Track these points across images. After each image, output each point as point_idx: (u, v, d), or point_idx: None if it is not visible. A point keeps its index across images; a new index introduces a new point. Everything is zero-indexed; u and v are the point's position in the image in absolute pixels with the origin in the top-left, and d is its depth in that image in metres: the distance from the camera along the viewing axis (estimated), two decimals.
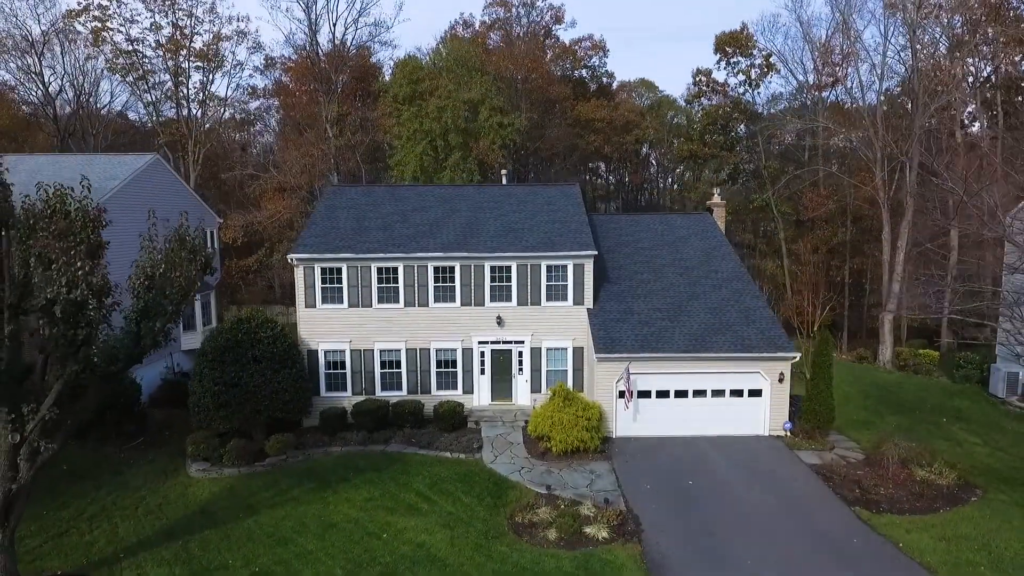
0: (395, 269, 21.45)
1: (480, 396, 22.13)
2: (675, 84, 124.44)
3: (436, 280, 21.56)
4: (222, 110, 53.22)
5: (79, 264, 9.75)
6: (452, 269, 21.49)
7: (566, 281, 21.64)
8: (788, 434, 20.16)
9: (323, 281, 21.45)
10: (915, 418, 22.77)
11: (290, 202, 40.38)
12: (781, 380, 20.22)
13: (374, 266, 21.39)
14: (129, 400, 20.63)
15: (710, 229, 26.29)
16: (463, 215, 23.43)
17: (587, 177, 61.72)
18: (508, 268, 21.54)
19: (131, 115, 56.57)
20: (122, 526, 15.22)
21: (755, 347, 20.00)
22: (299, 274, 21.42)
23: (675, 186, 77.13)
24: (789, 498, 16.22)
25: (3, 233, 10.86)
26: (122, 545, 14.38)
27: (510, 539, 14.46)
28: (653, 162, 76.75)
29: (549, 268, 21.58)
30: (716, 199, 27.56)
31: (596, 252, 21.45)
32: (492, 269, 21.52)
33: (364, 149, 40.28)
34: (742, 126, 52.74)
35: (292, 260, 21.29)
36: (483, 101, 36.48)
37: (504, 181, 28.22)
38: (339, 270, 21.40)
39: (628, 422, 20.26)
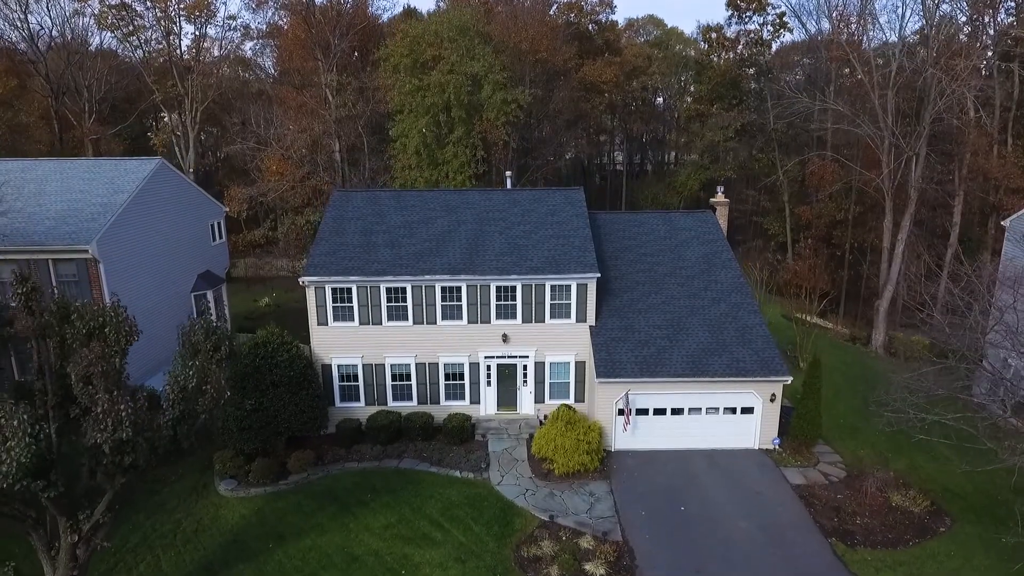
0: (403, 289, 22.09)
1: (486, 406, 23.34)
2: (684, 16, 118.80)
3: (443, 299, 22.24)
4: (216, 49, 51.87)
5: (122, 408, 10.52)
6: (459, 289, 22.13)
7: (569, 300, 22.32)
8: (776, 449, 21.47)
9: (334, 301, 22.15)
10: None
11: (295, 171, 40.23)
12: (773, 400, 21.29)
13: (383, 286, 22.02)
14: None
15: (712, 231, 26.59)
16: (469, 227, 23.78)
17: (592, 128, 60.56)
18: (513, 288, 22.17)
19: (120, 51, 55.04)
20: (164, 558, 16.76)
21: (750, 371, 20.93)
22: (310, 295, 22.09)
23: (679, 120, 75.42)
24: (772, 528, 17.64)
25: (43, 343, 11.58)
26: None
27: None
28: (660, 98, 74.76)
29: (553, 288, 22.20)
30: (720, 197, 27.64)
31: (599, 275, 21.98)
32: (498, 289, 22.16)
33: (366, 120, 39.68)
34: (752, 83, 51.43)
35: (303, 282, 21.90)
36: (486, 75, 35.64)
37: (508, 184, 28.24)
38: (349, 290, 22.06)
39: (627, 437, 21.53)
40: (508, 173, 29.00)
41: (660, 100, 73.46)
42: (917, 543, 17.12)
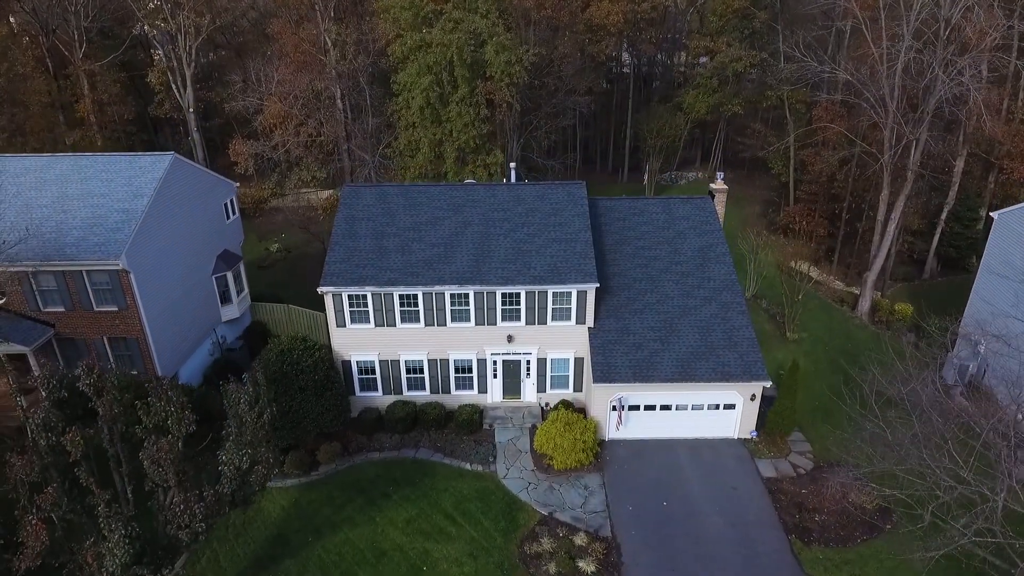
0: (415, 296, 23.66)
1: (493, 395, 25.64)
2: None
3: (452, 304, 23.86)
4: None
5: (196, 507, 12.57)
6: (467, 296, 23.68)
7: (570, 305, 23.92)
8: (753, 441, 23.93)
9: (351, 306, 23.81)
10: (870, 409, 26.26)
11: (296, 124, 40.16)
12: (753, 399, 23.47)
13: (396, 293, 23.58)
14: (199, 413, 23.97)
15: (710, 220, 27.54)
16: (475, 229, 24.89)
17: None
18: (518, 295, 23.70)
19: None
20: (221, 552, 19.67)
21: (734, 375, 22.90)
22: (328, 301, 23.71)
23: (689, 37, 72.17)
24: (741, 524, 20.37)
25: (114, 426, 13.53)
26: None
27: (520, 573, 18.91)
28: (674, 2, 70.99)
29: (555, 294, 23.72)
30: (719, 183, 28.27)
31: (598, 284, 23.41)
32: (503, 296, 23.71)
33: (367, 76, 39.07)
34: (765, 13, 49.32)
35: (322, 291, 23.41)
36: (490, 37, 34.81)
37: (513, 175, 28.75)
38: (364, 297, 23.65)
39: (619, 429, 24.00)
40: (512, 164, 29.46)
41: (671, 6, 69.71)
42: (864, 541, 19.91)
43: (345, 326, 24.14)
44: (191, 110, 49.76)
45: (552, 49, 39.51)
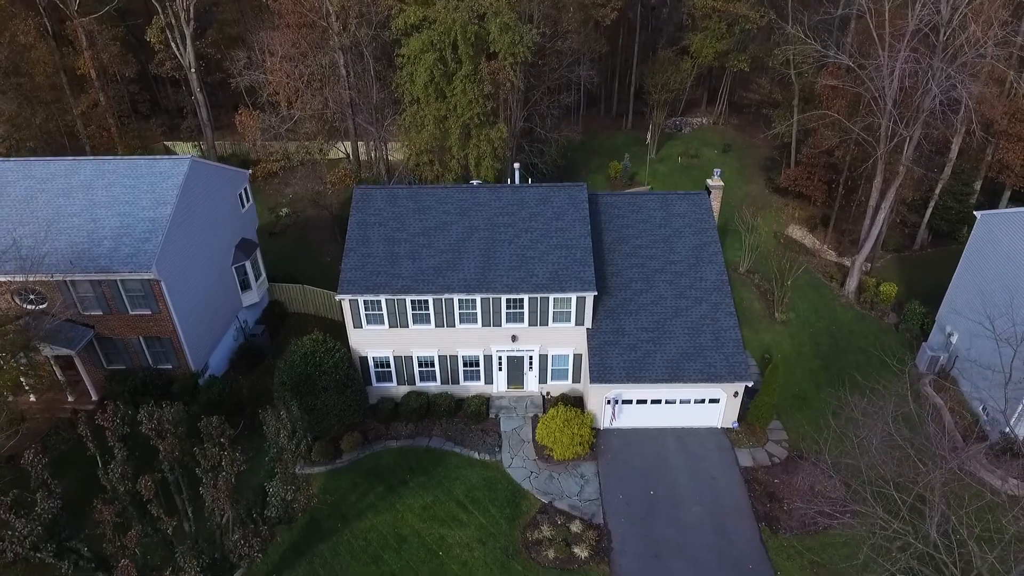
0: (426, 301, 25.45)
1: (498, 385, 27.93)
2: None
3: (461, 308, 25.68)
4: None
5: (255, 541, 14.94)
6: (474, 301, 25.46)
7: (569, 309, 25.72)
8: (735, 431, 26.37)
9: (366, 309, 25.65)
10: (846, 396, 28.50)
11: (303, 94, 40.40)
12: (736, 395, 25.70)
13: (408, 299, 25.36)
14: (230, 405, 26.38)
15: (705, 218, 28.81)
16: (481, 234, 26.33)
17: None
18: (521, 300, 25.47)
19: None
20: None
21: (720, 376, 25.00)
22: (346, 306, 25.54)
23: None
24: (719, 513, 23.04)
25: (175, 462, 15.81)
26: (270, 560, 21.79)
27: (523, 558, 21.78)
28: None
29: (556, 300, 25.48)
30: (716, 180, 29.29)
31: (596, 292, 25.11)
32: (508, 301, 25.48)
33: (371, 48, 38.97)
34: None
35: (338, 299, 25.19)
36: (495, 14, 34.63)
37: (516, 177, 29.65)
38: (379, 302, 25.45)
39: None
40: (516, 165, 30.31)
41: None
42: (826, 528, 22.58)
43: (361, 327, 26.09)
44: (192, 69, 49.50)
45: (556, 24, 39.11)
